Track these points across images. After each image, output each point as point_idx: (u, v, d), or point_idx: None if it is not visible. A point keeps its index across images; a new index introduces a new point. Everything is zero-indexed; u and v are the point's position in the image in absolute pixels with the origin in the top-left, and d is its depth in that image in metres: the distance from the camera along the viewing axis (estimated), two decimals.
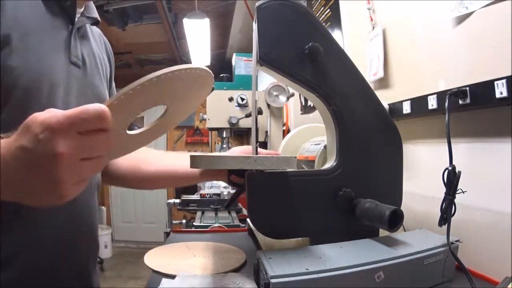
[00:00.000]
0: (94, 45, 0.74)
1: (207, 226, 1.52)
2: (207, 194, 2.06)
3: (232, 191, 1.84)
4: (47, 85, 0.57)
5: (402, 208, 0.58)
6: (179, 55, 4.40)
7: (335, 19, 1.42)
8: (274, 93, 1.60)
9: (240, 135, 3.50)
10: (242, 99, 1.72)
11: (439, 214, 0.59)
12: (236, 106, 1.72)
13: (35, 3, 0.57)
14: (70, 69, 0.63)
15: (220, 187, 2.20)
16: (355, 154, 0.62)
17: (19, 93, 0.53)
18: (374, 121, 0.64)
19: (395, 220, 0.53)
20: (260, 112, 1.59)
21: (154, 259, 0.69)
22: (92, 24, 0.73)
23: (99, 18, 0.72)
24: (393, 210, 0.52)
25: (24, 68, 0.54)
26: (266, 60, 0.58)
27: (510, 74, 0.57)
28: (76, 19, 0.65)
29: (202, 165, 0.53)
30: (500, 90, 0.58)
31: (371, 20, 1.08)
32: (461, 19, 0.72)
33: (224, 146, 1.88)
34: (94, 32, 0.76)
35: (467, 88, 0.65)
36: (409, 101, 0.83)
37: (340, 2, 1.38)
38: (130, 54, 4.23)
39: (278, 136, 1.65)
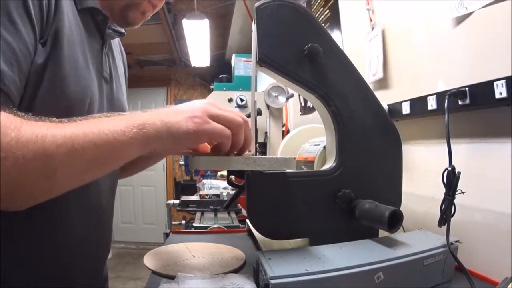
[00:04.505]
0: (116, 57, 0.74)
1: (206, 227, 1.52)
2: (207, 195, 2.06)
3: (232, 192, 1.84)
4: (89, 99, 0.57)
5: (401, 208, 0.58)
6: (179, 56, 4.40)
7: (335, 20, 1.42)
8: (274, 94, 1.60)
9: None
10: (242, 100, 1.72)
11: (439, 214, 0.59)
12: (235, 106, 1.72)
13: (74, 15, 0.57)
14: (101, 84, 0.63)
15: (220, 188, 2.20)
16: (354, 155, 0.62)
17: (66, 102, 0.52)
18: (373, 122, 0.64)
19: (395, 220, 0.52)
20: (259, 113, 1.59)
21: (153, 260, 0.69)
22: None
23: (125, 32, 0.71)
24: (393, 210, 0.52)
25: (73, 79, 0.53)
26: (265, 61, 0.58)
27: (509, 74, 0.57)
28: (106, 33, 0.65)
29: (201, 165, 0.53)
30: (500, 91, 0.58)
31: (371, 20, 1.08)
32: (461, 19, 0.72)
33: None
34: (114, 42, 0.76)
35: (467, 88, 0.65)
36: (408, 102, 0.83)
37: (340, 3, 1.38)
38: (129, 54, 4.23)
39: (278, 137, 1.65)
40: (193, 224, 1.67)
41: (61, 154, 0.41)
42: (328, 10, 1.49)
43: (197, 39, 3.16)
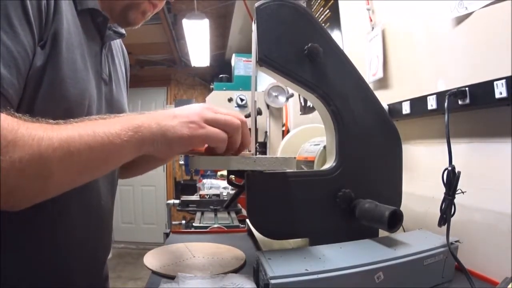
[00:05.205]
0: (116, 57, 0.74)
1: (206, 227, 1.52)
2: (207, 194, 2.06)
3: (232, 192, 1.84)
4: (88, 101, 0.57)
5: (401, 208, 0.58)
6: (179, 55, 4.40)
7: (335, 20, 1.42)
8: (274, 94, 1.60)
9: None
10: (242, 100, 1.72)
11: (439, 214, 0.58)
12: (235, 106, 1.71)
13: (73, 17, 0.57)
14: (100, 86, 0.63)
15: (220, 188, 2.20)
16: (354, 155, 0.62)
17: (65, 105, 0.52)
18: (373, 122, 0.64)
19: (395, 220, 0.52)
20: (259, 112, 1.59)
21: (153, 260, 0.69)
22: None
23: (125, 33, 0.71)
24: (393, 210, 0.52)
25: (72, 81, 0.53)
26: (265, 61, 0.58)
27: (509, 74, 0.57)
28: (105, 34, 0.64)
29: (201, 165, 0.53)
30: (500, 90, 0.58)
31: (371, 20, 1.08)
32: (461, 19, 0.72)
33: None
34: (115, 43, 0.75)
35: (467, 88, 0.65)
36: (408, 102, 0.83)
37: (340, 3, 1.38)
38: (129, 54, 4.21)
39: (278, 136, 1.65)
40: (193, 224, 1.67)
41: (57, 157, 0.41)
42: (328, 10, 1.49)
43: (197, 39, 3.16)
